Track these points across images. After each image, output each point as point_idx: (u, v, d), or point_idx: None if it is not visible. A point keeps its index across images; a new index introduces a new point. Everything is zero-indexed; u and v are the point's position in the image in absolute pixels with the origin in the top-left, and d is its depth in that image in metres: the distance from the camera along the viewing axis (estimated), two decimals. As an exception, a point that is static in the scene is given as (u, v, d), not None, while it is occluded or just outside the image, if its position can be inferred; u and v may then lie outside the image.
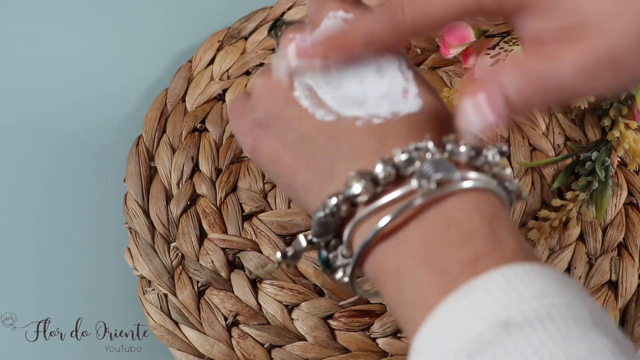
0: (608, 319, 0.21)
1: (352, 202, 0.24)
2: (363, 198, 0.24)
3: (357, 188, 0.23)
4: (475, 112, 0.24)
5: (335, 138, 0.26)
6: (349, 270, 0.25)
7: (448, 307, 0.21)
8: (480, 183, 0.23)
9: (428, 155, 0.23)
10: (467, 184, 0.23)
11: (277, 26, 0.31)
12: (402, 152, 0.23)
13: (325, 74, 0.27)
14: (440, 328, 0.21)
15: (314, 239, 0.25)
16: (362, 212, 0.24)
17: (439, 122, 0.26)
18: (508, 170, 0.25)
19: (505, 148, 0.25)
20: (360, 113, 0.26)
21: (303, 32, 0.28)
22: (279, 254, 0.27)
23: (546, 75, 0.24)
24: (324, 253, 0.26)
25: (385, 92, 0.26)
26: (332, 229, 0.25)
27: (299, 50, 0.27)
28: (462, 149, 0.24)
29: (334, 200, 0.24)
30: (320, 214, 0.24)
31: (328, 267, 0.26)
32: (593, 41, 0.24)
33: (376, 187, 0.24)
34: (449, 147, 0.24)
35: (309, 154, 0.26)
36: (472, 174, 0.23)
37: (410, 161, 0.23)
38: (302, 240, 0.26)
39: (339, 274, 0.26)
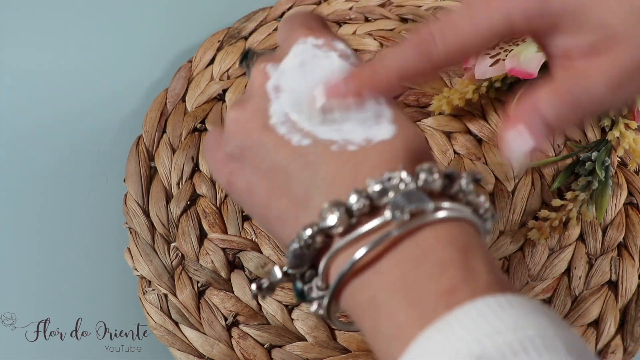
0: (583, 348, 0.21)
1: (327, 234, 0.24)
2: (338, 230, 0.23)
3: (332, 220, 0.23)
4: (518, 143, 0.25)
5: (310, 165, 0.25)
6: (325, 302, 0.25)
7: (424, 341, 0.21)
8: (454, 212, 0.23)
9: (401, 186, 0.23)
10: (440, 214, 0.23)
11: (248, 57, 0.31)
12: (376, 183, 0.23)
13: (298, 107, 0.27)
14: None
15: (289, 271, 0.25)
16: (338, 243, 0.24)
17: (414, 149, 0.26)
18: (482, 197, 0.25)
19: (479, 175, 0.25)
20: (335, 137, 0.26)
21: (274, 60, 0.28)
22: (254, 286, 0.27)
23: (579, 93, 0.25)
24: (298, 285, 0.26)
25: (359, 116, 0.26)
26: (307, 260, 0.25)
27: (332, 89, 0.26)
28: (436, 177, 0.24)
29: (308, 232, 0.24)
30: (295, 245, 0.24)
31: (303, 298, 0.26)
32: (621, 52, 0.24)
33: (350, 218, 0.23)
34: (422, 176, 0.24)
35: (283, 182, 0.26)
36: (446, 204, 0.23)
37: (383, 192, 0.23)
38: (277, 271, 0.26)
39: (314, 306, 0.26)
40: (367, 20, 0.52)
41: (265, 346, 0.40)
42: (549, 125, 0.25)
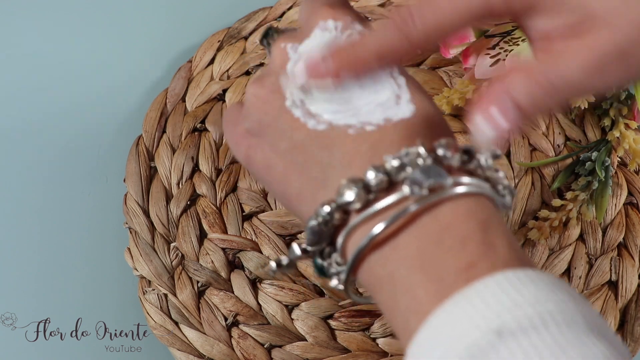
0: (603, 324, 0.21)
1: (344, 210, 0.24)
2: (356, 205, 0.23)
3: (349, 195, 0.23)
4: (489, 124, 0.24)
5: (328, 146, 0.25)
6: (343, 277, 0.25)
7: (442, 315, 0.21)
8: (472, 188, 0.23)
9: (419, 161, 0.23)
10: (459, 190, 0.23)
11: (269, 35, 0.31)
12: (393, 159, 0.23)
13: (317, 90, 0.27)
14: (435, 336, 0.21)
15: (308, 247, 0.25)
16: (355, 219, 0.24)
17: (432, 126, 0.26)
18: (501, 173, 0.25)
19: (498, 151, 0.25)
20: (352, 121, 0.26)
21: (294, 40, 0.28)
22: (273, 264, 0.27)
23: (554, 76, 0.24)
24: (318, 261, 0.26)
25: (377, 99, 0.26)
26: (325, 236, 0.25)
27: (309, 69, 0.26)
28: (455, 153, 0.24)
29: (326, 209, 0.24)
30: (314, 222, 0.24)
31: (323, 274, 0.26)
32: (600, 35, 0.24)
33: (368, 194, 0.23)
34: (440, 151, 0.24)
35: (301, 162, 0.26)
36: (465, 179, 0.23)
37: (401, 167, 0.23)
38: (296, 248, 0.26)
39: (333, 281, 0.26)
40: (367, 20, 0.52)
41: (265, 346, 0.40)
42: (521, 109, 0.24)
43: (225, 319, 0.41)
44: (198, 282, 0.42)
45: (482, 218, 0.23)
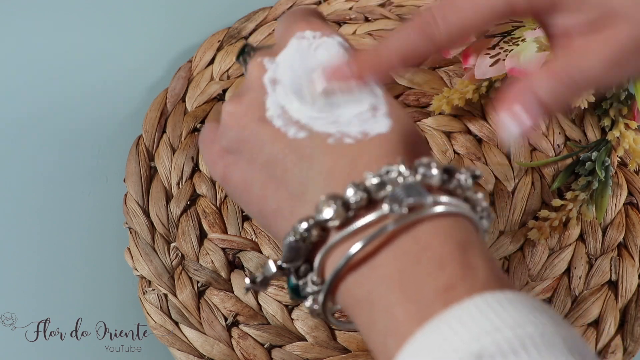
0: (583, 345, 0.21)
1: (323, 227, 0.24)
2: (334, 223, 0.23)
3: (328, 213, 0.23)
4: (514, 122, 0.24)
5: (307, 157, 0.25)
6: (320, 298, 0.24)
7: (422, 338, 0.20)
8: (452, 208, 0.23)
9: (400, 179, 0.23)
10: (439, 209, 0.23)
11: (245, 52, 0.31)
12: (374, 176, 0.23)
13: (298, 92, 0.27)
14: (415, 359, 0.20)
15: (284, 265, 0.25)
16: (334, 237, 0.23)
17: (410, 143, 0.26)
18: (480, 194, 0.25)
19: (478, 172, 0.25)
20: (332, 130, 0.25)
21: (270, 54, 0.28)
22: (247, 280, 0.26)
23: (575, 71, 0.24)
24: (292, 280, 0.25)
25: (354, 110, 0.26)
26: (302, 254, 0.24)
27: (334, 72, 0.26)
28: (435, 172, 0.23)
29: (304, 225, 0.23)
30: (291, 238, 0.24)
31: (297, 294, 0.26)
32: (619, 30, 0.24)
33: (347, 211, 0.23)
34: (421, 170, 0.23)
35: (279, 176, 0.26)
36: (444, 198, 0.23)
37: (381, 185, 0.23)
38: (271, 265, 0.25)
39: (308, 302, 0.25)
40: (367, 20, 0.52)
41: (265, 346, 0.40)
42: (544, 105, 0.25)
43: (225, 319, 0.41)
44: (198, 282, 0.42)
45: (461, 239, 0.23)
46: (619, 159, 0.45)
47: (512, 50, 0.44)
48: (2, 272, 0.44)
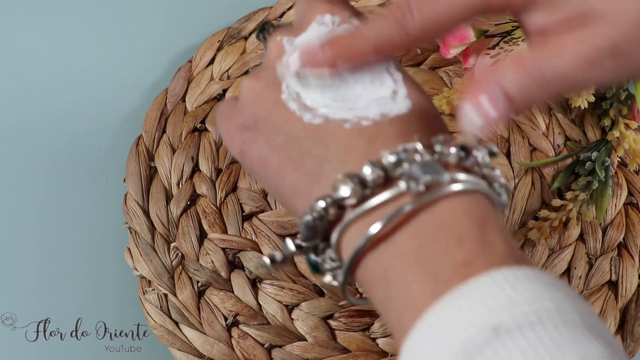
0: (600, 323, 0.21)
1: (340, 205, 0.24)
2: (351, 201, 0.23)
3: (345, 191, 0.23)
4: (477, 112, 0.24)
5: (323, 140, 0.25)
6: (340, 277, 0.25)
7: (437, 312, 0.21)
8: (469, 185, 0.23)
9: (417, 157, 0.23)
10: (456, 187, 0.23)
11: (265, 29, 0.31)
12: (390, 154, 0.23)
13: (313, 79, 0.27)
14: (430, 333, 0.20)
15: (302, 243, 0.25)
16: (350, 215, 0.23)
17: (429, 123, 0.26)
18: (498, 171, 0.25)
19: (495, 149, 0.25)
20: (348, 116, 0.25)
21: (290, 33, 0.28)
22: (267, 259, 0.26)
23: (546, 68, 0.24)
24: (312, 257, 0.26)
25: (374, 94, 0.26)
26: (320, 232, 0.25)
27: (306, 57, 0.26)
28: (452, 150, 0.23)
29: (321, 204, 0.24)
30: (308, 217, 0.24)
31: (316, 270, 0.26)
32: (595, 29, 0.23)
33: (364, 189, 0.23)
34: (437, 148, 0.23)
35: (296, 156, 0.26)
36: (462, 176, 0.23)
37: (398, 163, 0.23)
38: (290, 244, 0.26)
39: (327, 278, 0.25)
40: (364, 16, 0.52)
41: (265, 346, 0.40)
42: (511, 99, 0.24)
43: (225, 319, 0.41)
44: (198, 282, 0.42)
45: (479, 215, 0.23)
46: (619, 159, 0.45)
47: (512, 50, 0.44)
48: (2, 272, 0.44)
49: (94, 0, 0.53)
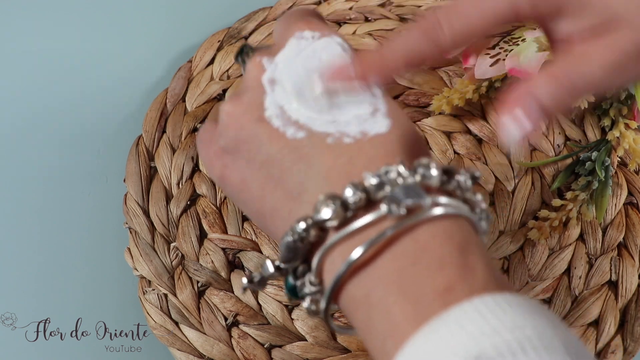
0: (582, 348, 0.21)
1: (321, 227, 0.23)
2: (333, 223, 0.23)
3: (326, 213, 0.23)
4: (515, 125, 0.25)
5: (305, 157, 0.25)
6: (322, 304, 0.24)
7: (420, 341, 0.20)
8: (451, 209, 0.23)
9: (399, 180, 0.23)
10: (438, 211, 0.23)
11: (244, 52, 0.31)
12: (373, 177, 0.23)
13: (298, 93, 0.27)
14: None
15: (282, 265, 0.25)
16: (332, 238, 0.23)
17: (409, 143, 0.26)
18: (479, 196, 0.25)
19: (477, 173, 0.25)
20: (331, 129, 0.25)
21: (269, 54, 0.28)
22: (244, 279, 0.26)
23: (576, 76, 0.25)
24: (290, 280, 0.25)
25: (354, 110, 0.26)
26: (300, 254, 0.24)
27: (337, 72, 0.26)
28: (434, 172, 0.23)
29: (302, 225, 0.23)
30: (289, 238, 0.24)
31: (294, 295, 0.26)
32: (621, 35, 0.24)
33: (346, 211, 0.23)
34: (420, 170, 0.23)
35: (277, 176, 0.26)
36: (444, 199, 0.23)
37: (380, 185, 0.23)
38: (269, 265, 0.25)
39: (306, 303, 0.25)
40: (367, 20, 0.52)
41: (265, 346, 0.40)
42: (545, 109, 0.25)
43: (225, 319, 0.41)
44: (198, 282, 0.42)
45: (460, 240, 0.23)
46: (619, 159, 0.45)
47: (512, 50, 0.44)
48: (2, 272, 0.44)
49: (94, 1, 0.53)
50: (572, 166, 0.45)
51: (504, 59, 0.44)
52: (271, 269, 0.25)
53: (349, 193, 0.23)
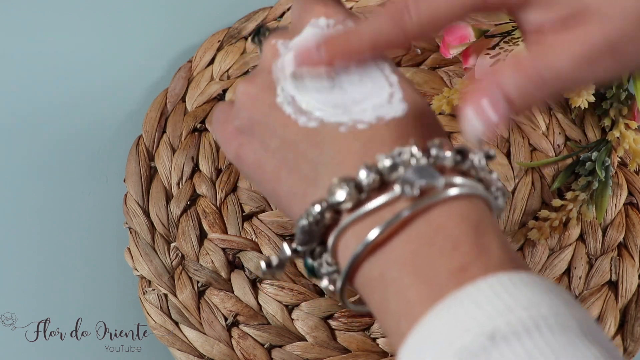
0: (597, 328, 0.21)
1: (336, 210, 0.24)
2: (347, 205, 0.23)
3: (340, 195, 0.23)
4: (478, 116, 0.24)
5: (319, 144, 0.25)
6: (339, 284, 0.24)
7: (434, 318, 0.20)
8: (465, 189, 0.23)
9: (412, 161, 0.23)
10: (453, 191, 0.23)
11: (260, 33, 0.31)
12: (386, 158, 0.23)
13: (309, 80, 0.27)
14: (426, 339, 0.20)
15: (298, 247, 0.25)
16: (346, 219, 0.23)
17: (425, 125, 0.26)
18: (495, 174, 0.25)
19: (492, 152, 0.25)
20: (344, 119, 0.25)
21: (285, 37, 0.28)
22: (263, 264, 0.26)
23: (543, 68, 0.24)
24: (309, 261, 0.26)
25: (369, 97, 0.26)
26: (316, 236, 0.24)
27: (302, 56, 0.26)
28: (448, 153, 0.23)
29: (317, 208, 0.24)
30: (304, 221, 0.24)
31: (313, 274, 0.26)
32: (591, 27, 0.23)
33: (360, 193, 0.23)
34: (434, 151, 0.23)
35: (292, 160, 0.26)
36: (458, 179, 0.23)
37: (394, 167, 0.23)
38: (286, 248, 0.26)
39: (324, 282, 0.25)
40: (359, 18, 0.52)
41: (265, 346, 0.40)
42: (511, 101, 0.24)
43: (225, 319, 0.41)
44: (198, 282, 0.42)
45: (475, 220, 0.23)
46: (619, 159, 0.45)
47: (512, 50, 0.44)
48: (2, 272, 0.44)
49: (94, 1, 0.53)
50: (572, 166, 0.45)
51: (504, 59, 0.44)
52: (288, 252, 0.25)
53: (362, 175, 0.23)
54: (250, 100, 0.27)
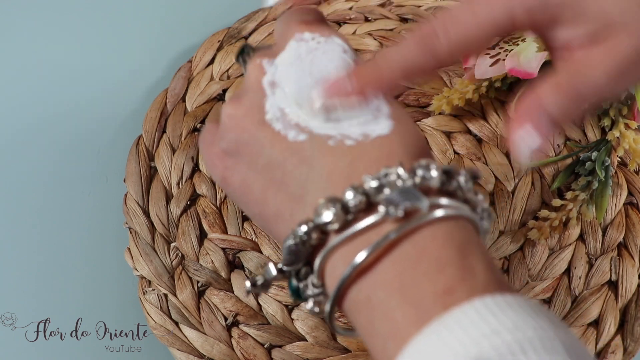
0: (582, 349, 0.21)
1: (322, 230, 0.24)
2: (334, 226, 0.23)
3: (327, 216, 0.23)
4: (527, 142, 0.25)
5: (307, 160, 0.25)
6: (327, 308, 0.24)
7: (420, 342, 0.20)
8: (451, 210, 0.23)
9: (398, 182, 0.23)
10: (439, 213, 0.23)
11: (244, 52, 0.31)
12: (372, 179, 0.23)
13: (298, 101, 0.27)
14: None
15: (284, 268, 0.25)
16: (333, 240, 0.23)
17: (411, 145, 0.26)
18: (480, 196, 0.25)
19: (479, 173, 0.25)
20: (332, 132, 0.25)
21: (270, 56, 0.28)
22: (248, 283, 0.26)
23: (581, 85, 0.25)
24: (294, 282, 0.25)
25: (356, 112, 0.26)
26: (302, 257, 0.24)
27: (334, 88, 0.26)
28: (434, 174, 0.23)
29: (304, 228, 0.24)
30: (291, 242, 0.24)
31: (298, 296, 0.26)
32: (620, 40, 0.24)
33: (347, 214, 0.23)
34: (420, 172, 0.23)
35: (279, 179, 0.26)
36: (444, 201, 0.23)
37: (380, 188, 0.23)
38: (272, 268, 0.26)
39: (309, 304, 0.25)
40: (367, 20, 0.52)
41: (265, 346, 0.40)
42: (554, 120, 0.25)
43: (225, 319, 0.41)
44: (198, 282, 0.42)
45: (461, 241, 0.23)
46: (619, 159, 0.45)
47: (512, 50, 0.44)
48: (2, 272, 0.44)
49: (94, 1, 0.53)
50: (572, 166, 0.45)
51: (504, 59, 0.44)
52: (274, 271, 0.25)
53: (349, 196, 0.23)
54: (236, 122, 0.27)
